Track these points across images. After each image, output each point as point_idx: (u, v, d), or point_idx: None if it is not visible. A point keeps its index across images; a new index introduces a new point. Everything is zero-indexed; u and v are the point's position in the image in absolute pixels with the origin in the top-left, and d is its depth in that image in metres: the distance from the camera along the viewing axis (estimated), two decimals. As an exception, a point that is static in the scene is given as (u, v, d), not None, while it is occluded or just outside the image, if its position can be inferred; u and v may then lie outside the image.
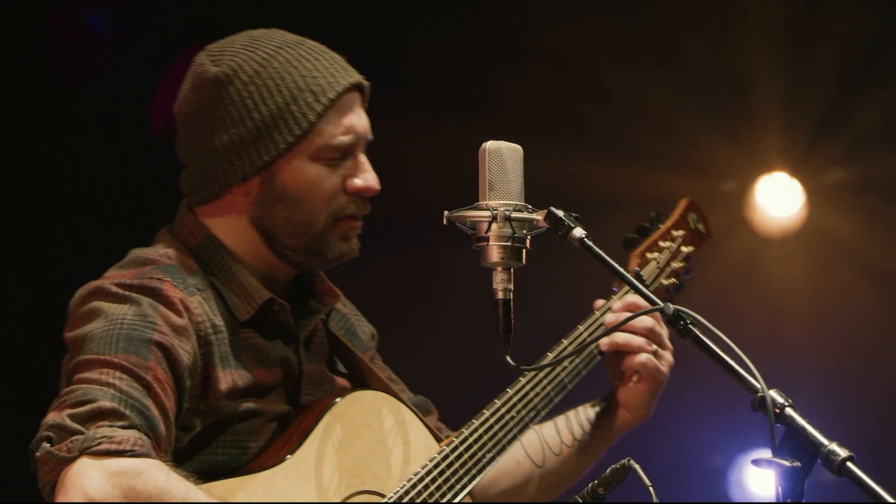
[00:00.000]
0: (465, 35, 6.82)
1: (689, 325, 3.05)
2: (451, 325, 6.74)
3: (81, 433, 3.12)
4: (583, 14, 6.87)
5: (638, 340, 3.90)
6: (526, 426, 3.83)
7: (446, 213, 3.30)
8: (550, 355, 3.91)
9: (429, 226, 3.88)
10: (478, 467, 3.71)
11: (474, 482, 3.70)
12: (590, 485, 3.38)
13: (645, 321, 3.91)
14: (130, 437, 3.14)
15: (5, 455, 4.45)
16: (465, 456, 3.69)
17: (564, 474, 4.02)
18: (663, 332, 3.94)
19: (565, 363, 3.91)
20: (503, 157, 3.28)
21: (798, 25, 6.87)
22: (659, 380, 3.96)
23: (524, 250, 3.27)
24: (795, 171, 7.04)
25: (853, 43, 6.86)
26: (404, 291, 6.82)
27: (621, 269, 3.24)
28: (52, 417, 3.16)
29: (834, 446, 2.81)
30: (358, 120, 3.65)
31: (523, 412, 3.83)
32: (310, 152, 3.58)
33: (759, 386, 2.90)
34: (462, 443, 3.71)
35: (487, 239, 3.25)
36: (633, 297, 3.96)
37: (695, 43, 6.91)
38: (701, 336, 3.05)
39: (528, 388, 3.85)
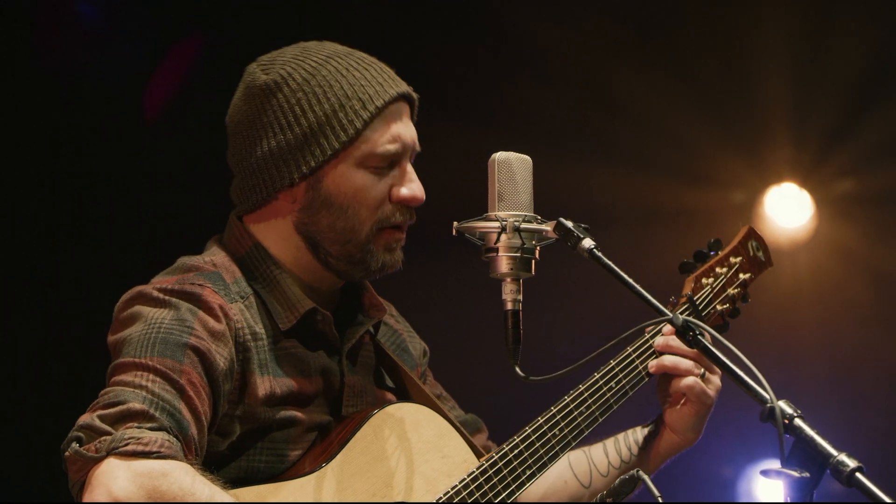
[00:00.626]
0: (475, 46, 6.83)
1: (699, 336, 3.06)
2: (458, 338, 6.74)
3: (110, 434, 3.14)
4: (594, 26, 6.87)
5: (686, 363, 3.88)
6: (569, 444, 3.79)
7: (455, 223, 3.31)
8: (597, 375, 3.89)
9: (438, 237, 3.89)
10: (516, 483, 3.68)
11: (514, 497, 3.67)
12: (599, 496, 3.38)
13: (689, 360, 3.91)
14: (158, 438, 3.15)
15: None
16: (505, 472, 3.67)
17: None
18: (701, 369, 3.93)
19: (612, 384, 3.89)
20: (512, 167, 3.29)
21: (808, 38, 6.88)
22: (706, 403, 3.93)
23: (533, 261, 3.27)
24: (804, 182, 7.04)
25: (863, 55, 6.87)
26: (412, 303, 6.82)
27: (629, 280, 3.24)
28: (84, 418, 3.19)
29: (843, 457, 2.81)
30: (405, 129, 3.66)
31: (566, 430, 3.79)
32: (356, 159, 3.58)
33: (768, 396, 2.90)
34: (501, 458, 3.68)
35: (497, 250, 3.26)
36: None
37: (706, 55, 6.92)
38: (710, 347, 3.05)
39: (572, 406, 3.82)
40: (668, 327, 3.93)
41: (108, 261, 5.92)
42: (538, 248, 3.29)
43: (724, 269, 4.15)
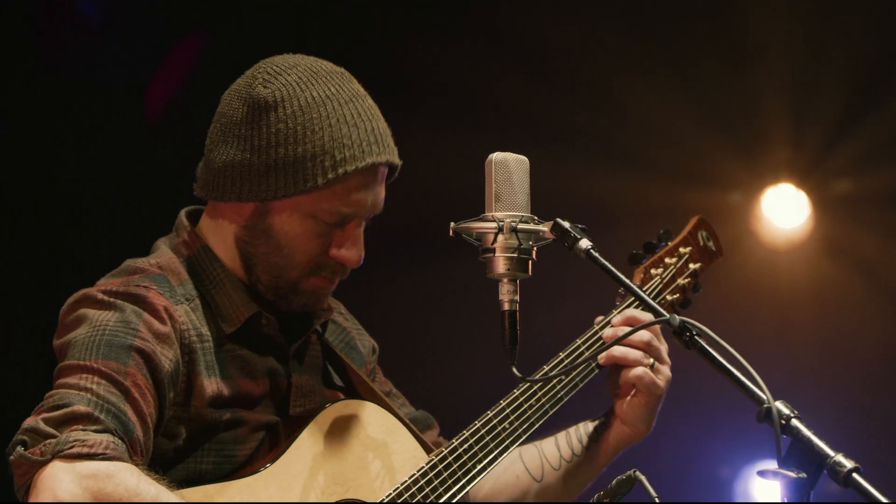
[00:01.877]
0: (472, 46, 6.83)
1: (695, 337, 3.05)
2: (455, 338, 6.74)
3: (55, 437, 3.15)
4: (593, 26, 6.87)
5: (634, 354, 3.88)
6: (519, 438, 3.81)
7: (452, 224, 3.31)
8: (546, 367, 3.90)
9: (434, 237, 3.89)
10: (466, 477, 3.69)
11: (464, 491, 3.68)
12: (596, 496, 3.38)
13: (643, 335, 3.88)
14: (103, 440, 3.16)
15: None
16: (454, 466, 3.68)
17: (563, 490, 4.01)
18: (662, 346, 3.91)
19: (562, 377, 3.89)
20: (509, 168, 3.29)
21: (806, 39, 6.88)
22: (656, 394, 3.92)
23: (530, 261, 3.27)
24: (802, 183, 7.04)
25: (861, 56, 6.87)
26: (408, 303, 6.82)
27: (627, 281, 3.24)
28: (29, 422, 3.19)
29: (840, 457, 2.81)
30: (369, 196, 3.62)
31: (516, 423, 3.81)
32: (307, 209, 3.57)
33: (764, 397, 2.90)
34: (451, 453, 3.70)
35: (493, 250, 3.26)
36: (632, 312, 3.94)
37: (704, 55, 6.92)
38: (707, 347, 3.05)
39: (521, 399, 3.83)
40: (617, 318, 3.94)
41: (109, 258, 5.92)
42: (535, 248, 3.28)
43: (674, 260, 4.15)
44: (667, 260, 4.16)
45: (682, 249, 4.18)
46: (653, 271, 4.15)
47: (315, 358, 3.78)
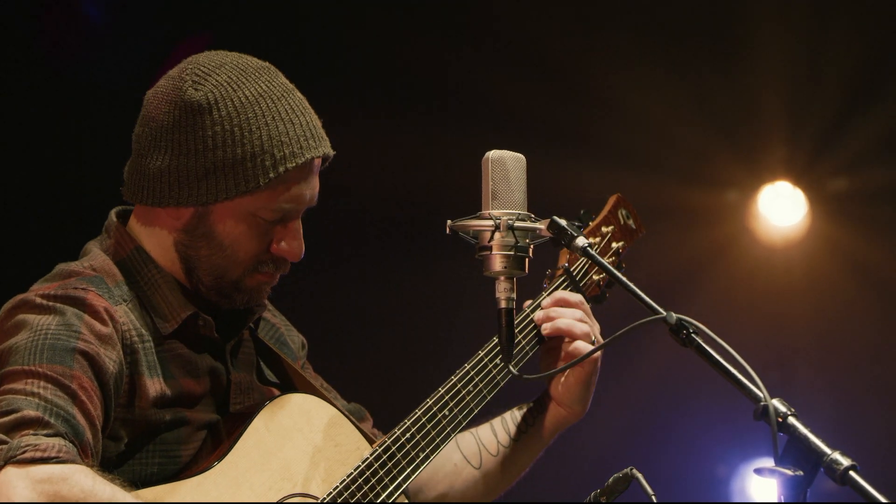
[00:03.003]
0: (468, 44, 6.83)
1: (692, 335, 3.05)
2: (453, 336, 6.74)
3: (6, 443, 3.13)
4: (590, 25, 6.87)
5: (583, 327, 3.88)
6: (459, 424, 3.80)
7: (449, 222, 3.30)
8: (481, 353, 3.88)
9: (430, 235, 3.89)
10: (412, 466, 3.69)
11: (409, 480, 3.68)
12: (592, 493, 3.38)
13: (576, 313, 3.89)
14: (55, 444, 3.15)
15: None
16: (398, 455, 3.68)
17: (503, 475, 4.00)
18: (596, 326, 3.92)
19: (497, 361, 3.88)
20: (506, 166, 3.28)
21: (803, 38, 6.88)
22: (596, 370, 3.91)
23: (527, 259, 3.27)
24: (798, 181, 7.04)
25: (857, 55, 6.87)
26: (405, 301, 6.82)
27: (623, 278, 3.24)
28: None
29: (837, 455, 2.81)
30: (307, 189, 3.60)
31: (455, 410, 3.79)
32: (249, 209, 3.55)
33: (761, 395, 2.90)
34: (394, 442, 3.69)
35: (490, 248, 3.26)
36: (561, 293, 3.94)
37: (701, 54, 6.92)
38: (704, 345, 3.05)
39: (459, 385, 3.82)
40: (546, 300, 3.94)
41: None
42: (532, 246, 3.28)
43: (597, 239, 4.15)
44: (591, 239, 4.14)
45: (604, 229, 4.17)
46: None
47: (248, 355, 3.77)
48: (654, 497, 3.21)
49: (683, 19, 6.92)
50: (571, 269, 4.01)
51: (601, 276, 4.10)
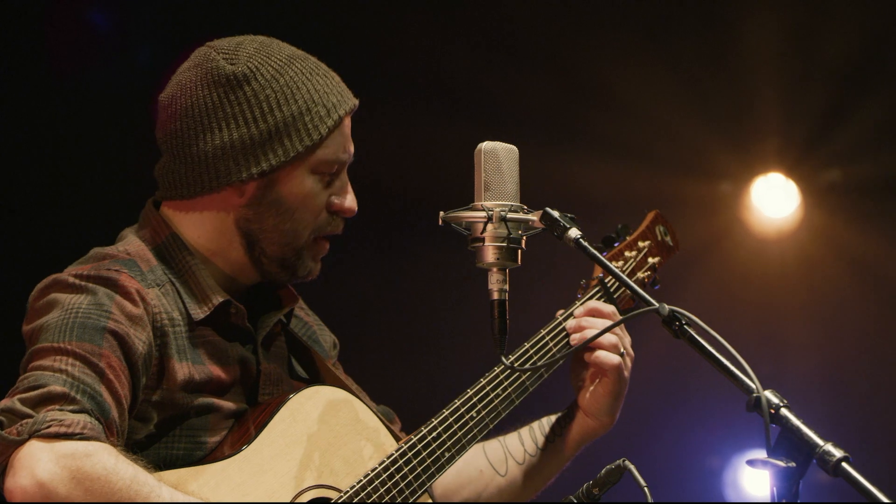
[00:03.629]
0: (460, 35, 6.82)
1: (685, 326, 3.05)
2: (446, 328, 6.74)
3: (31, 416, 3.16)
4: (581, 15, 6.87)
5: (611, 338, 3.88)
6: (486, 427, 3.80)
7: (442, 213, 3.30)
8: (512, 357, 3.87)
9: (424, 226, 3.89)
10: (436, 465, 3.69)
11: (433, 480, 3.68)
12: (585, 485, 3.38)
13: (607, 323, 3.89)
14: (80, 420, 3.17)
15: None
16: (424, 454, 3.67)
17: (527, 484, 3.99)
18: (626, 337, 3.92)
19: (527, 365, 3.88)
20: (499, 157, 3.29)
21: (796, 29, 6.88)
22: (625, 381, 3.91)
23: (520, 251, 3.27)
24: (791, 173, 7.04)
25: (850, 46, 6.87)
26: (397, 293, 6.82)
27: (616, 270, 3.25)
28: (4, 403, 3.21)
29: (829, 447, 2.81)
30: (350, 140, 3.69)
31: (483, 412, 3.79)
32: (311, 165, 3.60)
33: (754, 386, 2.90)
34: (420, 440, 3.69)
35: (483, 240, 3.26)
36: (594, 303, 3.94)
37: (692, 45, 6.92)
38: (696, 336, 3.05)
39: (488, 388, 3.82)
40: (579, 310, 3.94)
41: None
42: (524, 237, 3.28)
43: (633, 253, 4.16)
44: (626, 253, 4.16)
45: (640, 243, 4.18)
46: (612, 264, 4.14)
47: (280, 348, 3.79)
48: (646, 488, 3.22)
49: (677, 11, 6.92)
50: (605, 280, 4.02)
51: (645, 274, 4.12)
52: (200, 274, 3.60)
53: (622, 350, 3.87)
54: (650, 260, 4.18)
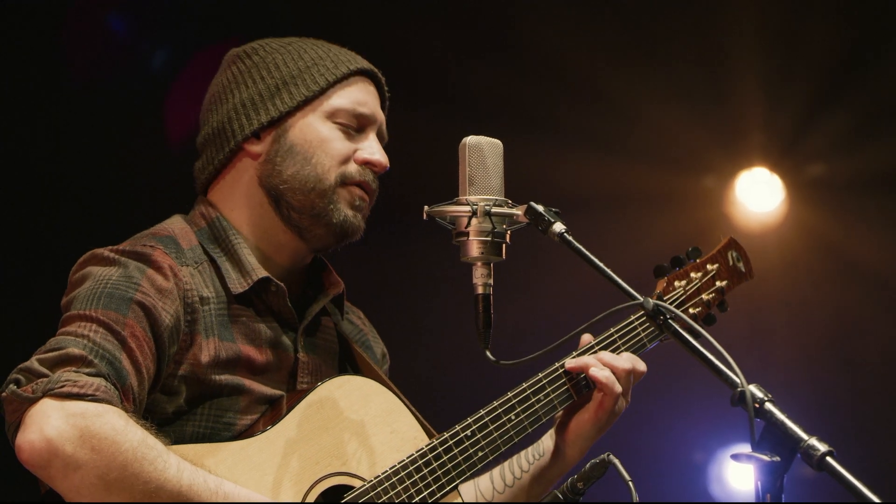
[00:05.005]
0: (444, 29, 6.82)
1: (669, 320, 3.06)
2: (429, 324, 6.74)
3: (46, 376, 3.20)
4: (565, 9, 6.87)
5: (619, 387, 3.85)
6: (524, 430, 3.75)
7: (426, 207, 3.30)
8: (557, 364, 3.82)
9: (407, 221, 3.88)
10: (468, 463, 3.66)
11: (463, 478, 3.65)
12: (569, 479, 3.38)
13: (626, 365, 3.85)
14: (94, 382, 3.21)
15: None
16: (455, 451, 3.65)
17: None
18: (630, 385, 3.90)
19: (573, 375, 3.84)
20: (483, 151, 3.29)
21: (779, 23, 6.89)
22: (614, 417, 3.87)
23: (504, 245, 3.27)
24: (775, 167, 7.05)
25: (834, 41, 6.88)
26: (380, 288, 6.82)
27: (601, 264, 3.24)
28: (24, 363, 3.25)
29: (814, 441, 2.81)
30: (373, 101, 3.79)
31: (522, 416, 3.75)
32: (324, 112, 3.70)
33: (738, 381, 2.91)
34: (453, 437, 3.66)
35: (467, 234, 3.26)
36: (612, 360, 3.89)
37: (677, 39, 6.92)
38: (680, 331, 3.05)
39: (529, 392, 3.78)
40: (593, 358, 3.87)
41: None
42: (509, 232, 3.28)
43: (699, 274, 4.15)
44: (692, 274, 4.15)
45: (709, 266, 4.18)
46: (676, 283, 4.13)
47: (329, 342, 3.81)
48: (630, 483, 3.22)
49: (661, 6, 6.92)
50: (664, 298, 4.00)
51: (697, 309, 4.11)
52: (243, 252, 3.65)
53: (621, 389, 3.84)
54: (717, 283, 4.17)
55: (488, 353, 3.34)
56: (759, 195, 7.06)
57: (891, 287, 7.02)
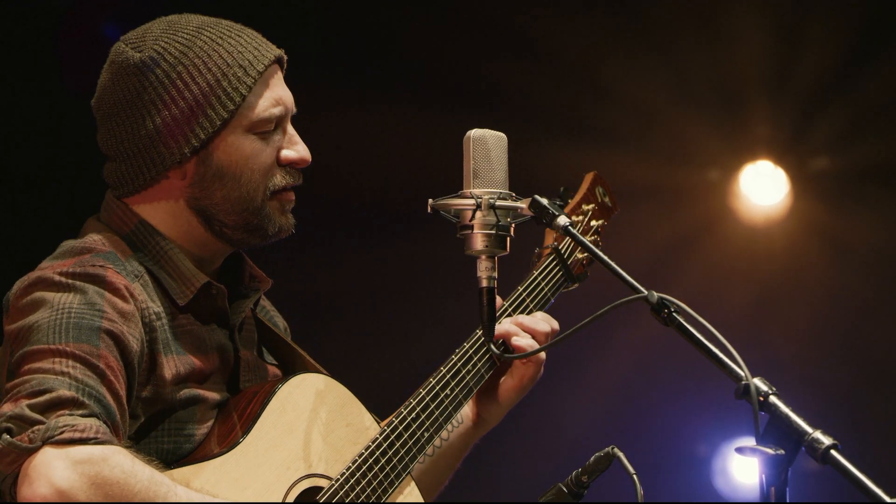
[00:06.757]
0: (449, 22, 6.81)
1: (674, 314, 3.05)
2: (432, 315, 6.74)
3: (42, 423, 3.09)
4: (569, 3, 6.87)
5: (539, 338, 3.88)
6: (461, 404, 3.78)
7: (431, 201, 3.30)
8: (478, 332, 3.81)
9: (413, 214, 3.88)
10: (417, 446, 3.68)
11: (415, 461, 3.68)
12: (574, 472, 3.39)
13: (545, 328, 3.87)
14: (92, 424, 3.12)
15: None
16: (405, 435, 3.67)
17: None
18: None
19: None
20: (488, 145, 3.28)
21: (784, 16, 6.88)
22: (534, 381, 3.90)
23: (508, 238, 3.27)
24: (780, 160, 7.05)
25: (838, 34, 6.87)
26: (385, 281, 6.82)
27: (604, 257, 3.25)
28: (9, 408, 3.13)
29: (818, 434, 2.81)
30: (284, 92, 3.63)
31: (457, 390, 3.77)
32: (243, 127, 3.55)
33: (742, 374, 2.90)
34: (401, 422, 3.68)
35: (472, 227, 3.26)
36: (525, 320, 3.89)
37: (681, 32, 6.92)
38: (685, 324, 3.05)
39: (459, 365, 3.80)
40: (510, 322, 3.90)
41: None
42: (513, 225, 3.28)
43: (580, 218, 4.13)
44: (573, 218, 4.12)
45: (584, 206, 4.15)
46: None
47: (251, 332, 3.76)
48: (635, 476, 3.22)
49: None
50: (560, 248, 4.00)
51: (584, 254, 4.08)
52: (177, 257, 3.56)
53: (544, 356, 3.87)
54: (593, 223, 4.14)
55: (493, 346, 3.35)
56: (763, 188, 7.06)
57: None
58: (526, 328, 3.85)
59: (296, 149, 3.62)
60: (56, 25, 6.10)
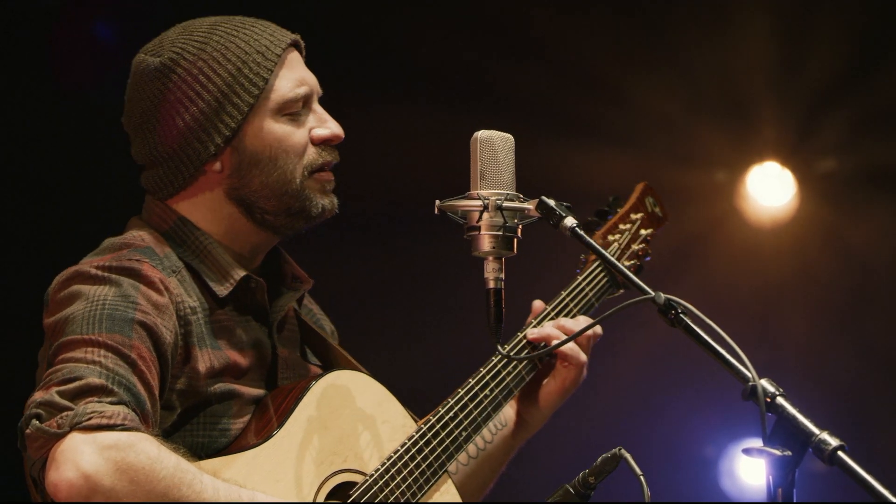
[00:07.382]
0: (458, 24, 6.82)
1: (681, 315, 3.05)
2: (440, 316, 6.74)
3: (71, 409, 3.14)
4: (576, 5, 6.87)
5: (582, 357, 3.95)
6: (500, 405, 3.85)
7: (438, 202, 3.30)
8: (520, 334, 3.93)
9: (420, 215, 3.89)
10: (455, 445, 3.74)
11: (452, 460, 3.73)
12: (581, 474, 3.39)
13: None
14: (120, 411, 3.16)
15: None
16: (443, 434, 3.72)
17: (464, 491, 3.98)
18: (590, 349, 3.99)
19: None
20: (495, 146, 3.29)
21: (791, 17, 6.88)
22: (577, 384, 3.98)
23: (515, 240, 3.27)
24: (787, 161, 7.05)
25: (845, 36, 6.87)
26: (393, 282, 6.82)
27: (612, 258, 3.26)
28: (40, 395, 3.18)
29: (825, 435, 2.81)
30: (306, 73, 3.71)
31: (496, 391, 3.84)
32: (271, 110, 3.63)
33: (749, 375, 2.91)
34: (438, 421, 3.73)
35: (479, 228, 3.26)
36: (565, 322, 3.98)
37: (688, 34, 6.92)
38: (692, 325, 3.05)
39: (499, 366, 3.87)
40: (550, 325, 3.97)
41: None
42: (520, 226, 3.28)
43: (628, 226, 4.18)
44: (621, 226, 4.18)
45: (633, 216, 4.20)
46: (610, 238, 4.18)
47: (293, 332, 3.81)
48: (642, 477, 3.22)
49: (673, 1, 6.92)
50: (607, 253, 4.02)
51: (631, 262, 4.19)
52: (216, 251, 3.62)
53: (586, 358, 3.95)
54: (643, 232, 4.21)
55: (500, 348, 3.36)
56: (770, 189, 7.06)
57: (903, 281, 7.03)
58: (567, 331, 3.93)
59: (327, 126, 3.69)
60: (47, 24, 6.11)
